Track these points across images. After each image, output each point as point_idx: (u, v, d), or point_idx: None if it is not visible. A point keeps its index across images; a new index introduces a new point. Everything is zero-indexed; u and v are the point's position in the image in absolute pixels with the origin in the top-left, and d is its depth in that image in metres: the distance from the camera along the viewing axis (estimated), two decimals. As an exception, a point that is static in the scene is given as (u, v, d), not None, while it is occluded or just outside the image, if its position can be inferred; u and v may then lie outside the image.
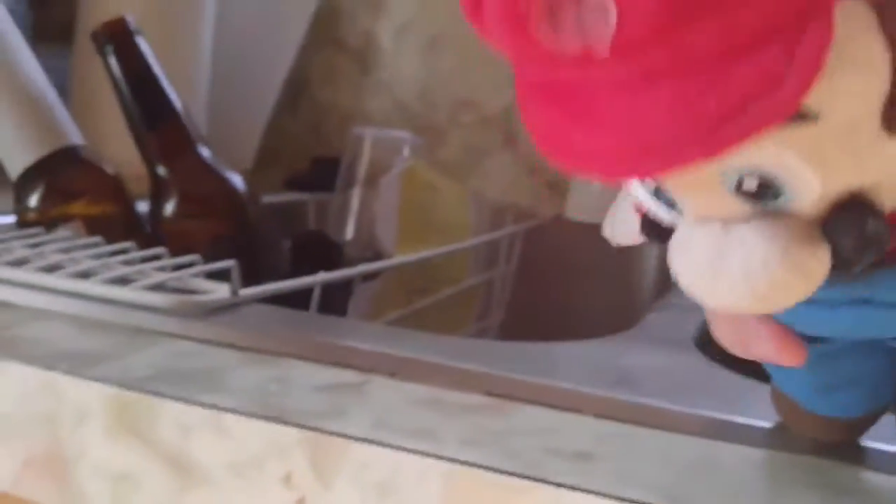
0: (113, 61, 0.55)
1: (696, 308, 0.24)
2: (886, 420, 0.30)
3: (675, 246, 0.23)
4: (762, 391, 0.31)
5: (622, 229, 0.26)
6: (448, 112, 0.91)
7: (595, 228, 0.83)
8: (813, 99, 0.19)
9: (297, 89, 0.97)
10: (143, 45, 0.56)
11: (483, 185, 0.90)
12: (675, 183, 0.22)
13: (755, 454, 0.30)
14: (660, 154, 0.20)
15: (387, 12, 0.94)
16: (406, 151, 0.75)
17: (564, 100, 0.21)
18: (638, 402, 0.33)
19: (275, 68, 0.93)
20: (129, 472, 0.32)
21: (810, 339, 0.26)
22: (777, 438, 0.31)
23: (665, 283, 0.66)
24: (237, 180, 0.57)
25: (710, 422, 0.32)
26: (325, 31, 0.95)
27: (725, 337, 0.26)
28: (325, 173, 0.83)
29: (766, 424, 0.31)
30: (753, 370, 0.30)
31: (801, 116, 0.20)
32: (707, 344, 0.32)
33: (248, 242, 0.54)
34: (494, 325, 0.74)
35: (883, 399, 0.29)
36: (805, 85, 0.19)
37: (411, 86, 0.92)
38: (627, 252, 0.78)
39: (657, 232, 0.24)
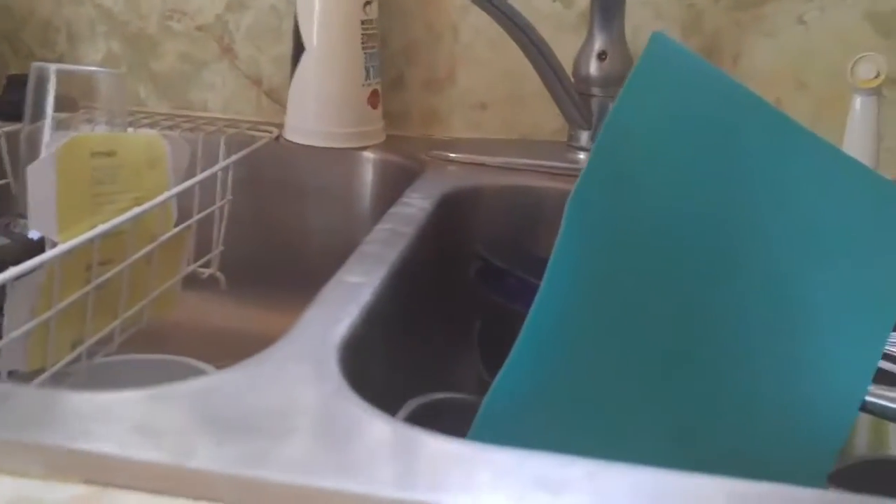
0: None
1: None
2: None
3: None
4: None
5: None
6: (158, 21, 0.84)
7: (311, 150, 0.82)
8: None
9: (-15, -5, 0.86)
10: None
11: (204, 97, 0.86)
12: None
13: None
14: None
15: None
16: (103, 86, 0.70)
17: None
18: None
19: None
20: None
21: None
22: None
23: (385, 205, 0.67)
24: None
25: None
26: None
27: None
28: (21, 93, 0.76)
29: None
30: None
31: None
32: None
33: None
34: (215, 261, 0.73)
35: None
36: None
37: (114, -9, 0.85)
38: (347, 174, 0.78)
39: None
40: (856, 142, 0.71)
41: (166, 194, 0.59)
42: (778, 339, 0.44)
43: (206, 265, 0.73)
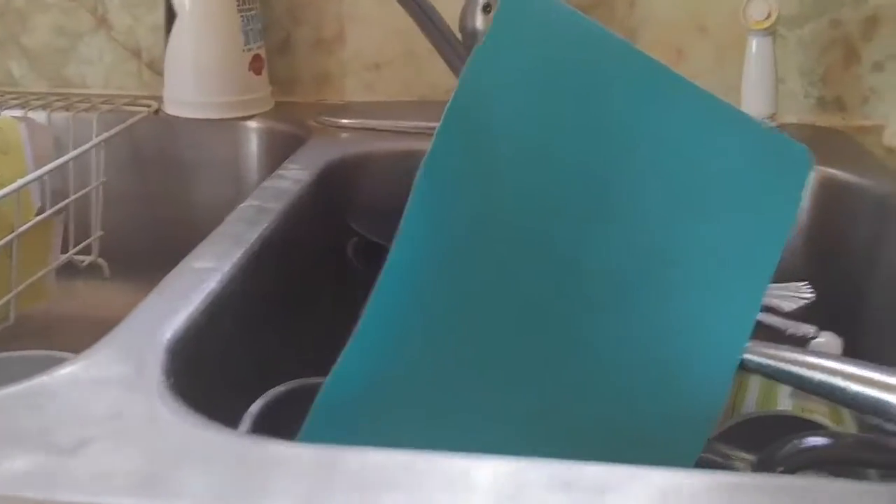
0: None
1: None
2: None
3: None
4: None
5: None
6: (25, -8, 0.79)
7: (193, 123, 0.78)
8: None
9: None
10: None
11: (83, 72, 0.81)
12: None
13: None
14: None
15: None
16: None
17: None
18: None
19: None
20: None
21: None
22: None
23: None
24: None
25: None
26: None
27: None
28: None
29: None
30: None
31: None
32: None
33: None
34: (95, 247, 0.69)
35: None
36: None
37: (-28, -36, 0.79)
38: (231, 147, 0.74)
39: None
40: (753, 84, 0.68)
41: (18, 182, 0.55)
42: (650, 297, 0.42)
43: (86, 252, 0.69)
